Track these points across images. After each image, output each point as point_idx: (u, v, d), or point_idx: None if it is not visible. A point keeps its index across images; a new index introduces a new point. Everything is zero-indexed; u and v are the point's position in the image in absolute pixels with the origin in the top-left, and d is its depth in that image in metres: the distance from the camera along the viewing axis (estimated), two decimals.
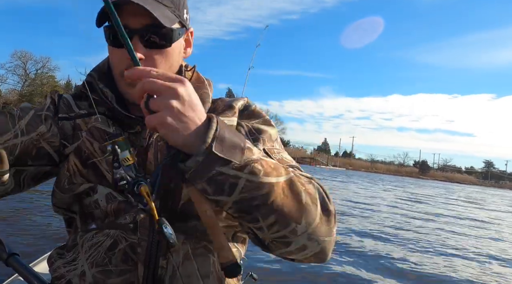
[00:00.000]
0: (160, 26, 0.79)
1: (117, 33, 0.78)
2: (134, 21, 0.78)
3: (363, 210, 10.51)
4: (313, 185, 0.74)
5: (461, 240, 7.62)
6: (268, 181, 0.64)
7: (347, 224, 7.63)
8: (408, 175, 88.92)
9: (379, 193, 18.94)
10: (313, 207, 0.70)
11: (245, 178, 0.63)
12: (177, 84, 0.60)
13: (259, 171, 0.64)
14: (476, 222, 11.13)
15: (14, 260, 0.77)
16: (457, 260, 5.72)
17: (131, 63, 0.73)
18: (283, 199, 0.66)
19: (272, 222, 0.66)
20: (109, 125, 0.86)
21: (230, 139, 0.62)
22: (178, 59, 0.88)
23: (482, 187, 72.01)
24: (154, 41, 0.80)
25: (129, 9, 0.78)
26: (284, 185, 0.67)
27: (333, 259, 4.70)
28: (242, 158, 0.63)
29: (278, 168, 0.68)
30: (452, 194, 26.40)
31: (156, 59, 0.82)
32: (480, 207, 17.89)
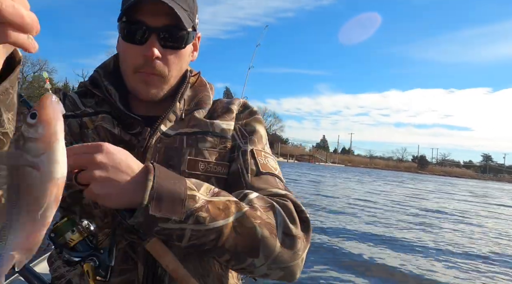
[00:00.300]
0: (178, 27, 0.81)
1: (134, 30, 0.80)
2: (153, 19, 0.79)
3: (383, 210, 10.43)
4: (274, 211, 0.74)
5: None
6: (215, 226, 0.67)
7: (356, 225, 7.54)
8: (406, 170, 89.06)
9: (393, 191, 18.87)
10: (271, 239, 0.71)
11: (191, 228, 0.66)
12: (94, 154, 0.63)
13: (204, 219, 0.66)
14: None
15: None
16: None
17: (145, 60, 0.79)
18: (235, 239, 0.69)
19: (227, 259, 0.71)
20: (114, 125, 0.86)
21: (168, 194, 0.65)
22: (187, 61, 0.90)
23: (481, 181, 72.00)
24: (170, 42, 0.82)
25: (149, 7, 0.79)
26: (236, 223, 0.69)
27: (336, 258, 4.70)
28: (183, 210, 0.65)
29: (227, 208, 0.69)
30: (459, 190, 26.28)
31: (169, 59, 0.83)
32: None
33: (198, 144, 0.87)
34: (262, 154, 0.89)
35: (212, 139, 0.88)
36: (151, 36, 0.80)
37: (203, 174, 0.85)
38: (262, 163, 0.87)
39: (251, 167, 0.85)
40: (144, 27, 0.80)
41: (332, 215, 8.27)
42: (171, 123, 0.88)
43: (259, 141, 0.92)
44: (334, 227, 6.83)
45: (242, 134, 0.92)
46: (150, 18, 0.79)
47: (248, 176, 0.84)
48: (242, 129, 0.93)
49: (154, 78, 0.84)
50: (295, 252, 0.73)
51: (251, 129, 0.93)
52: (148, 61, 0.81)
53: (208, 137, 0.88)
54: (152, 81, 0.84)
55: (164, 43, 0.81)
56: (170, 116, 0.88)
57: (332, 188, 16.26)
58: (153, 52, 0.80)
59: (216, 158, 0.88)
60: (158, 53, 0.80)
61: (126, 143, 0.83)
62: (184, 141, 0.86)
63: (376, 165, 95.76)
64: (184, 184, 0.68)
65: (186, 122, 0.89)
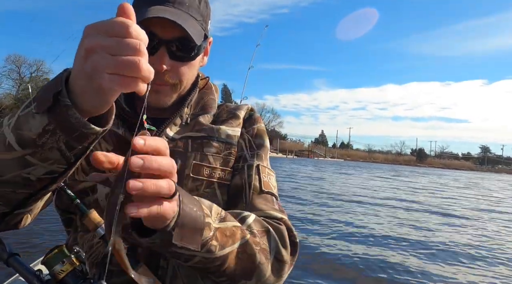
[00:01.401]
0: (188, 39, 0.78)
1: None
2: (163, 31, 0.78)
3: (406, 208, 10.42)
4: (269, 236, 0.76)
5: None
6: (222, 254, 0.67)
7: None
8: (406, 164, 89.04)
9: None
10: (265, 264, 0.73)
11: (201, 256, 0.65)
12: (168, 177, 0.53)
13: (215, 248, 0.66)
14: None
15: (14, 260, 0.75)
16: None
17: (155, 72, 0.77)
18: (236, 264, 0.70)
19: (223, 280, 0.71)
20: (119, 126, 0.85)
21: (190, 222, 0.60)
22: (197, 68, 0.90)
23: (480, 173, 72.10)
24: (181, 53, 0.81)
25: (160, 19, 0.76)
26: (239, 250, 0.70)
27: (338, 258, 4.67)
28: (200, 241, 0.63)
29: (233, 234, 0.70)
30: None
31: (180, 70, 0.83)
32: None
33: (203, 149, 0.87)
34: (266, 171, 0.90)
35: (218, 145, 0.89)
36: (160, 47, 0.78)
37: (206, 179, 0.86)
38: (265, 181, 0.88)
39: (254, 183, 0.87)
40: (154, 38, 0.77)
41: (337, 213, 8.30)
42: (176, 126, 0.89)
43: (265, 156, 0.93)
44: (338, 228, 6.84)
45: (250, 146, 0.93)
46: (160, 30, 0.77)
47: (250, 193, 0.85)
48: (252, 141, 0.94)
49: (165, 87, 0.83)
50: (281, 276, 0.77)
51: (259, 142, 0.95)
52: (156, 73, 0.79)
53: (213, 142, 0.89)
54: (162, 90, 0.84)
55: (174, 55, 0.80)
56: (176, 120, 0.89)
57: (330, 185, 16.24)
58: (162, 67, 0.79)
59: (221, 164, 0.88)
60: (167, 67, 0.79)
61: (130, 144, 0.83)
62: (189, 145, 0.87)
63: (375, 159, 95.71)
64: (201, 210, 0.64)
65: (191, 126, 0.90)
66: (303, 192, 11.53)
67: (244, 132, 0.95)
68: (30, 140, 0.55)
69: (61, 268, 0.68)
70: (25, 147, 0.56)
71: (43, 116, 0.52)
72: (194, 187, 0.84)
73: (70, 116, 0.51)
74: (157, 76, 0.80)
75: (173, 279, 0.80)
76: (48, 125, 0.53)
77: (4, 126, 0.58)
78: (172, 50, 0.79)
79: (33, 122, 0.54)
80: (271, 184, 0.90)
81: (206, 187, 0.86)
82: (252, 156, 0.91)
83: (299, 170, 24.94)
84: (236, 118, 0.95)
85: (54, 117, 0.52)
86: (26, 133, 0.55)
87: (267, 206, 0.84)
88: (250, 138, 0.94)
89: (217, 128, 0.90)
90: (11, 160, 0.58)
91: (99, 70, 0.45)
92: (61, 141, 0.54)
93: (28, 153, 0.56)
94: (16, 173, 0.59)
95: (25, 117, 0.55)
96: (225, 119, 0.94)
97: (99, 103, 0.51)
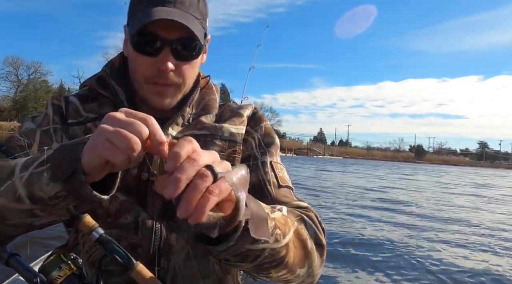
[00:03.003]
0: (191, 38, 0.80)
1: (146, 41, 0.79)
2: (166, 32, 0.78)
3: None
4: (305, 223, 0.77)
5: None
6: (285, 242, 0.65)
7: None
8: (404, 160, 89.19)
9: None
10: (314, 250, 0.74)
11: (270, 248, 0.62)
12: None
13: (280, 236, 0.64)
14: None
15: (14, 261, 0.75)
16: None
17: (158, 71, 0.78)
18: (294, 253, 0.68)
19: (282, 273, 0.69)
20: None
21: (257, 213, 0.58)
22: (199, 66, 0.90)
23: (479, 168, 72.25)
24: (184, 53, 0.81)
25: (163, 21, 0.76)
26: (294, 237, 0.69)
27: (343, 257, 4.64)
28: (269, 231, 0.60)
29: (287, 222, 0.68)
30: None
31: (184, 69, 0.83)
32: None
33: (207, 147, 0.85)
34: (279, 167, 0.91)
35: (221, 143, 0.88)
36: (164, 48, 0.78)
37: None
38: (280, 176, 0.89)
39: (272, 180, 0.87)
40: (157, 39, 0.78)
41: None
42: (178, 126, 0.88)
43: (276, 152, 0.94)
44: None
45: (259, 145, 0.93)
46: (162, 30, 0.78)
47: (271, 188, 0.86)
48: (261, 139, 0.94)
49: (169, 88, 0.83)
50: (323, 260, 0.78)
51: (269, 140, 0.95)
52: (161, 73, 0.80)
53: (216, 140, 0.88)
54: (167, 92, 0.83)
55: (177, 55, 0.80)
56: (178, 119, 0.88)
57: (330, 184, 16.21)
58: (167, 65, 0.79)
59: None
60: (172, 66, 0.79)
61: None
62: None
63: (374, 157, 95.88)
64: (260, 203, 0.62)
65: (194, 125, 0.89)
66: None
67: (252, 131, 0.95)
68: (41, 199, 0.58)
69: (58, 274, 0.68)
70: (35, 203, 0.59)
71: (57, 184, 0.56)
72: None
73: (83, 190, 0.55)
74: (160, 75, 0.81)
75: (174, 279, 0.80)
76: (61, 192, 0.57)
77: (16, 177, 0.61)
78: (176, 50, 0.80)
79: (46, 185, 0.57)
80: (286, 178, 0.91)
81: None
82: (263, 153, 0.91)
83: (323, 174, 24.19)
84: (239, 116, 0.95)
85: (67, 188, 0.56)
86: (38, 192, 0.58)
87: (290, 198, 0.86)
88: (259, 137, 0.94)
89: (220, 126, 0.90)
90: (19, 210, 0.62)
91: (100, 137, 0.52)
92: (70, 204, 0.58)
93: (37, 208, 0.60)
94: (21, 220, 0.64)
95: (38, 177, 0.58)
96: (227, 117, 0.94)
97: (92, 165, 0.55)
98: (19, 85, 51.43)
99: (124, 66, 0.91)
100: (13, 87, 51.62)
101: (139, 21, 0.77)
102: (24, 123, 0.87)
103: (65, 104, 0.88)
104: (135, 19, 0.80)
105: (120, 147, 0.50)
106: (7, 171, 0.63)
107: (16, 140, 0.82)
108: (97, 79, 0.90)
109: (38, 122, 0.86)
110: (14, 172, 0.62)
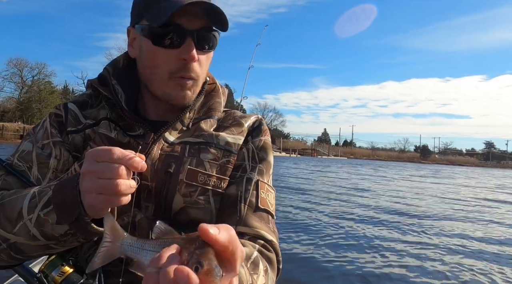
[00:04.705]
0: (211, 29, 0.82)
1: (167, 33, 0.78)
2: (189, 22, 0.79)
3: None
4: (268, 276, 0.74)
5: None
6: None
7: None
8: (409, 161, 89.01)
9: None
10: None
11: None
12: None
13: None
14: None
15: None
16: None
17: (184, 63, 0.79)
18: None
19: None
20: (111, 129, 0.85)
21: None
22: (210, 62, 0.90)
23: (485, 169, 71.86)
24: (205, 44, 0.83)
25: (188, 10, 0.77)
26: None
27: (343, 257, 4.56)
28: None
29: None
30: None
31: (202, 60, 0.84)
32: None
33: (200, 155, 0.85)
34: (265, 188, 0.87)
35: (215, 151, 0.87)
36: (187, 39, 0.79)
37: (201, 186, 0.83)
38: (262, 198, 0.85)
39: (250, 199, 0.83)
40: (179, 30, 0.78)
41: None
42: (176, 131, 0.88)
43: (267, 171, 0.90)
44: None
45: (253, 157, 0.90)
46: (185, 20, 0.78)
47: (244, 207, 0.82)
48: (256, 152, 0.91)
49: (190, 82, 0.84)
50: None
51: (263, 156, 0.91)
52: (186, 64, 0.81)
53: (211, 148, 0.87)
54: (187, 85, 0.84)
55: (199, 45, 0.81)
56: (177, 124, 0.88)
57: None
58: (194, 55, 0.79)
59: (217, 171, 0.86)
60: (196, 55, 0.80)
61: (124, 145, 0.81)
62: (186, 150, 0.85)
63: (378, 157, 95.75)
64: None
65: (192, 131, 0.89)
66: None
67: (250, 141, 0.92)
68: (54, 237, 0.67)
69: (57, 274, 0.71)
70: (49, 240, 0.68)
71: (65, 225, 0.64)
72: (188, 193, 0.82)
73: (88, 228, 0.63)
74: (184, 67, 0.81)
75: None
76: (69, 230, 0.65)
77: (26, 219, 0.68)
78: (197, 40, 0.80)
79: (55, 226, 0.65)
80: (269, 202, 0.86)
81: (200, 194, 0.83)
82: (253, 169, 0.88)
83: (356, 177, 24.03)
84: (239, 126, 0.93)
85: (74, 228, 0.64)
86: (50, 231, 0.66)
87: (261, 225, 0.81)
88: (254, 149, 0.91)
89: (216, 135, 0.89)
90: (37, 246, 0.69)
91: (88, 191, 0.59)
92: (80, 238, 0.67)
93: (52, 243, 0.68)
94: (41, 252, 0.73)
95: (45, 220, 0.66)
96: (228, 126, 0.93)
97: (95, 214, 0.63)
98: (23, 86, 51.88)
99: (128, 68, 0.91)
100: (17, 88, 52.08)
101: (163, 12, 0.76)
102: (22, 143, 0.88)
103: (65, 112, 0.89)
104: (156, 12, 0.78)
105: (113, 195, 0.57)
106: (16, 211, 0.69)
107: (17, 166, 0.83)
108: (99, 77, 0.91)
109: (37, 138, 0.86)
110: (22, 214, 0.68)
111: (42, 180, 0.82)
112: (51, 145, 0.85)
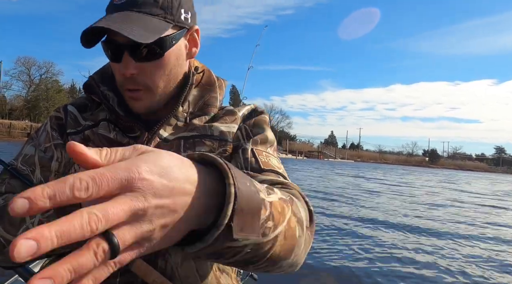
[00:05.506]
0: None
1: (108, 48, 0.80)
2: (121, 37, 0.75)
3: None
4: (299, 201, 0.66)
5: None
6: (274, 235, 0.53)
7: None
8: (417, 165, 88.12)
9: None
10: (302, 237, 0.62)
11: (253, 244, 0.49)
12: (133, 201, 0.35)
13: (269, 230, 0.51)
14: None
15: (14, 262, 0.71)
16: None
17: (124, 77, 0.80)
18: (282, 245, 0.56)
19: (263, 266, 0.57)
20: (110, 129, 0.86)
21: (248, 203, 0.45)
22: (177, 64, 0.85)
23: (495, 174, 70.78)
24: (145, 55, 0.79)
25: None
26: (287, 227, 0.56)
27: (342, 256, 4.40)
28: (259, 225, 0.48)
29: (283, 209, 0.56)
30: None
31: (150, 71, 0.81)
32: None
33: (195, 148, 0.85)
34: (263, 154, 0.84)
35: (210, 143, 0.86)
36: (124, 53, 0.78)
37: None
38: (264, 161, 0.82)
39: (251, 166, 0.81)
40: (115, 45, 0.79)
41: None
42: (171, 127, 0.87)
43: (262, 142, 0.87)
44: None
45: (247, 135, 0.89)
46: (118, 35, 0.76)
47: (251, 173, 0.78)
48: (248, 129, 0.90)
49: (139, 92, 0.82)
50: (310, 245, 0.68)
51: (258, 131, 0.90)
52: (127, 78, 0.81)
53: (206, 140, 0.86)
54: (138, 96, 0.83)
55: (138, 58, 0.79)
56: (171, 120, 0.87)
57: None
58: (127, 71, 0.79)
59: None
60: (133, 70, 0.79)
61: (124, 146, 0.64)
62: (181, 145, 0.85)
63: (386, 160, 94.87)
64: (253, 184, 0.49)
65: (185, 127, 0.88)
66: None
67: (242, 124, 0.91)
68: None
69: None
70: None
71: None
72: None
73: None
74: (128, 81, 0.81)
75: (172, 279, 0.78)
76: None
77: (28, 223, 0.73)
78: (135, 53, 0.78)
79: None
80: (273, 164, 0.83)
81: None
82: (248, 141, 0.87)
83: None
84: (232, 115, 0.92)
85: None
86: None
87: (273, 178, 0.76)
88: (247, 127, 0.90)
89: (209, 126, 0.88)
90: None
91: None
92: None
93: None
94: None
95: (47, 221, 0.73)
96: (221, 116, 0.91)
97: None
98: (31, 85, 52.25)
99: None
100: (25, 86, 52.44)
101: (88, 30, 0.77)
102: (25, 146, 0.89)
103: (65, 115, 0.91)
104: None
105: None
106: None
107: (21, 170, 0.84)
108: (85, 87, 0.91)
109: (40, 142, 0.88)
110: (25, 218, 0.70)
111: (45, 182, 0.61)
112: (53, 147, 0.87)
